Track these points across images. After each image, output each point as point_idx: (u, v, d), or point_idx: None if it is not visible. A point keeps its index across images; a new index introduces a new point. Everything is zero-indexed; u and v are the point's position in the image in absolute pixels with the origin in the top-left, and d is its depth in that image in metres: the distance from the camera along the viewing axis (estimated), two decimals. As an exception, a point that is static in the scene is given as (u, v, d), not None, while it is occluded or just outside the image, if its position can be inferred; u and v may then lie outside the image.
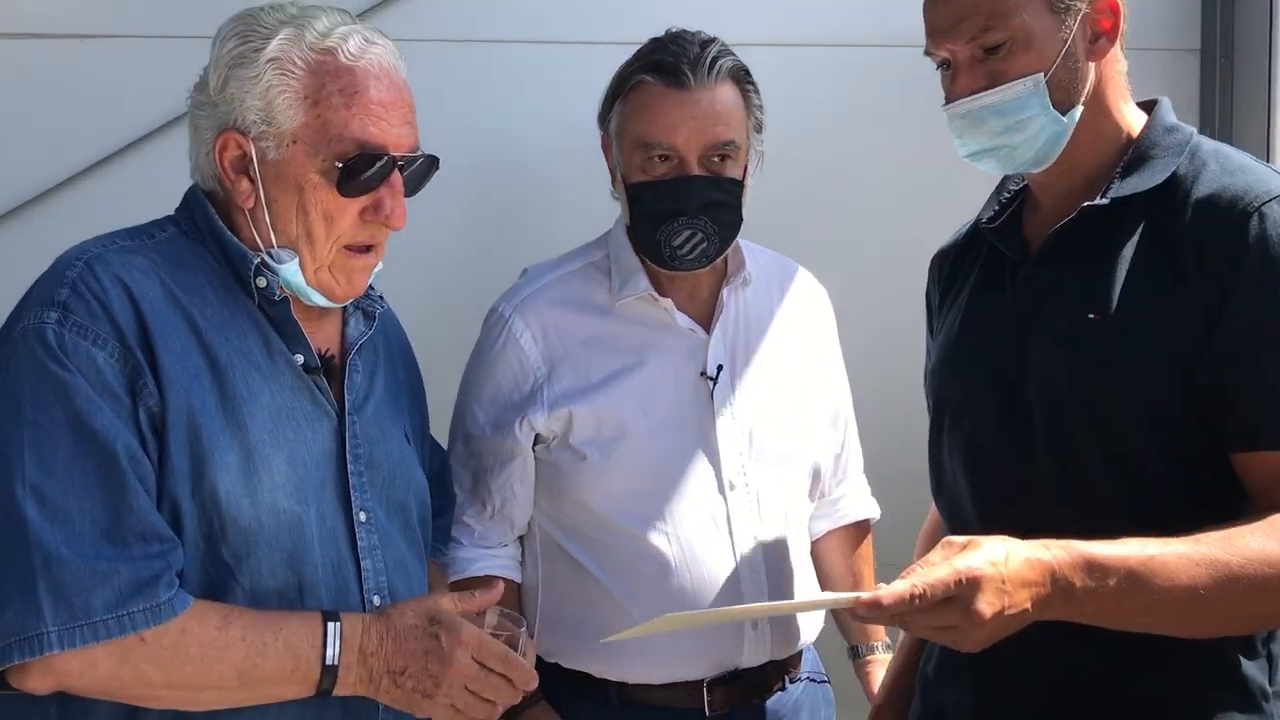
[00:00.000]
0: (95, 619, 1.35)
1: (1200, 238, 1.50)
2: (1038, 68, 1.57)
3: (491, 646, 1.51)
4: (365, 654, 1.48)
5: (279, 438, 1.53)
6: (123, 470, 1.39)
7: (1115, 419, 1.53)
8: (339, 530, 1.58)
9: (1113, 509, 1.51)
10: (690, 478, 2.02)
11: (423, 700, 1.49)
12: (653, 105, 1.96)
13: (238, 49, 1.53)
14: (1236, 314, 1.47)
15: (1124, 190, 1.58)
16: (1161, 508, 1.49)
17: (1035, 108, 1.58)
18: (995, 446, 1.66)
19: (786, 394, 2.12)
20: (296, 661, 1.44)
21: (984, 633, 1.36)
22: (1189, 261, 1.50)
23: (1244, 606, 1.42)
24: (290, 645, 1.44)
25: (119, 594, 1.36)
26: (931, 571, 1.36)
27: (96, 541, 1.37)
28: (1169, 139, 1.61)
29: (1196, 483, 1.52)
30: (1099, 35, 1.60)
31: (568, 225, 2.15)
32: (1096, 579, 1.39)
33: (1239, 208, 1.49)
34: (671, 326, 2.06)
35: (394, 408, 1.75)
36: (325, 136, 1.52)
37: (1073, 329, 1.57)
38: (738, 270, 2.10)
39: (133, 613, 1.36)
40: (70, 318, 1.42)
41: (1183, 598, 1.40)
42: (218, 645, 1.41)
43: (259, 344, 1.56)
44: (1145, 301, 1.53)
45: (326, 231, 1.55)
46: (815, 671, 2.20)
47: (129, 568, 1.37)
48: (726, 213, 1.98)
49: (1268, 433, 1.47)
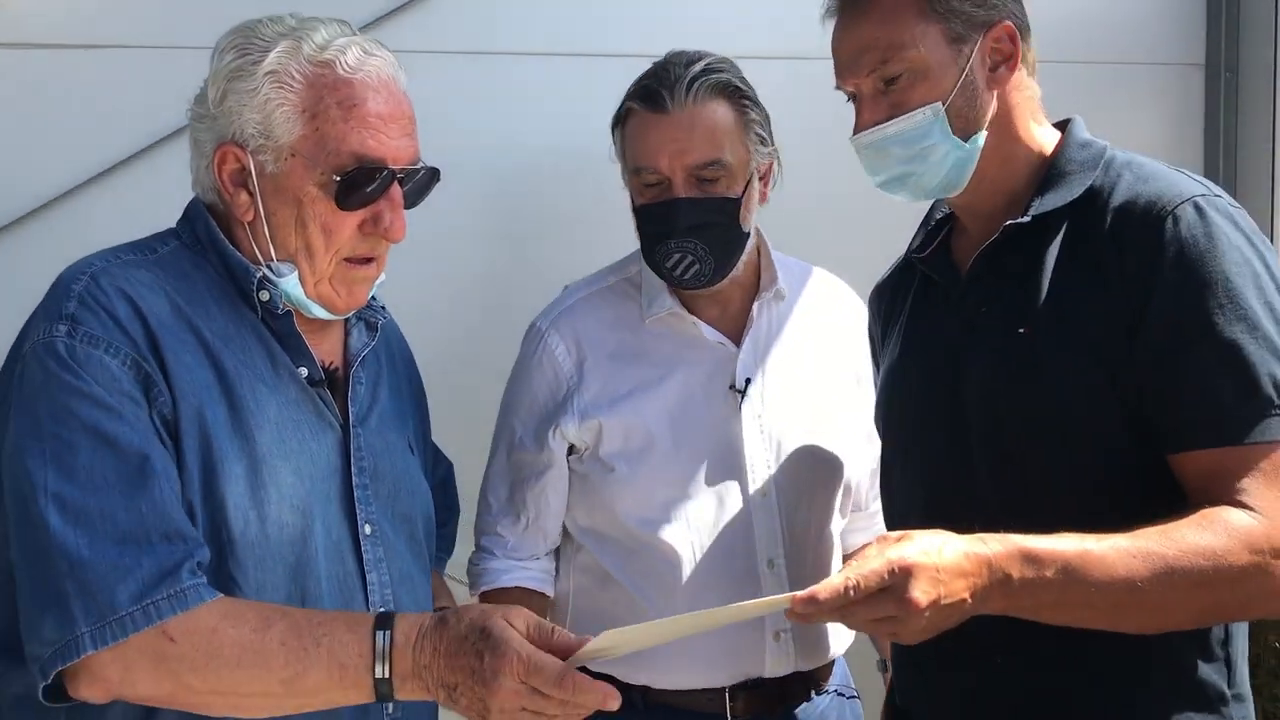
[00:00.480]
0: (121, 612, 1.33)
1: (1120, 244, 1.53)
2: (935, 97, 1.62)
3: (545, 668, 1.34)
4: (419, 665, 1.38)
5: (286, 450, 1.52)
6: (142, 470, 1.38)
7: (1052, 430, 1.56)
8: (344, 543, 1.57)
9: (1058, 520, 1.49)
10: (717, 489, 2.05)
11: (479, 717, 1.37)
12: (639, 131, 2.01)
13: (236, 62, 1.52)
14: (1157, 316, 1.49)
15: (1044, 206, 1.61)
16: (1106, 514, 1.48)
17: (936, 135, 1.62)
18: (943, 468, 1.68)
19: (818, 407, 2.13)
20: (344, 672, 1.38)
21: (922, 622, 1.37)
22: (1111, 268, 1.53)
23: (1182, 599, 1.43)
24: (335, 655, 1.37)
25: (143, 585, 1.34)
26: (865, 564, 1.38)
27: (120, 541, 1.35)
28: (1083, 154, 1.65)
29: (1138, 486, 1.54)
30: (998, 64, 1.64)
31: (578, 236, 2.15)
32: (1033, 571, 1.41)
33: (1153, 212, 1.52)
34: (700, 340, 2.09)
35: (397, 419, 1.74)
36: (323, 150, 1.51)
37: (1004, 345, 1.60)
38: (770, 284, 2.12)
39: (157, 601, 1.34)
40: (80, 329, 1.42)
41: (1121, 590, 1.41)
42: (254, 649, 1.37)
43: (263, 357, 1.55)
44: (1071, 311, 1.55)
45: (325, 244, 1.54)
46: (845, 685, 2.21)
47: (151, 560, 1.35)
48: (718, 232, 2.00)
49: (1196, 432, 1.49)
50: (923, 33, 1.61)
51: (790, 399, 2.10)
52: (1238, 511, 1.44)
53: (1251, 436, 1.46)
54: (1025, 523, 1.48)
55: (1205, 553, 1.41)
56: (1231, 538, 1.42)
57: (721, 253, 2.01)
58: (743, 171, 2.02)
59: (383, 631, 1.38)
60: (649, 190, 2.01)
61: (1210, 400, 1.48)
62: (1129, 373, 1.51)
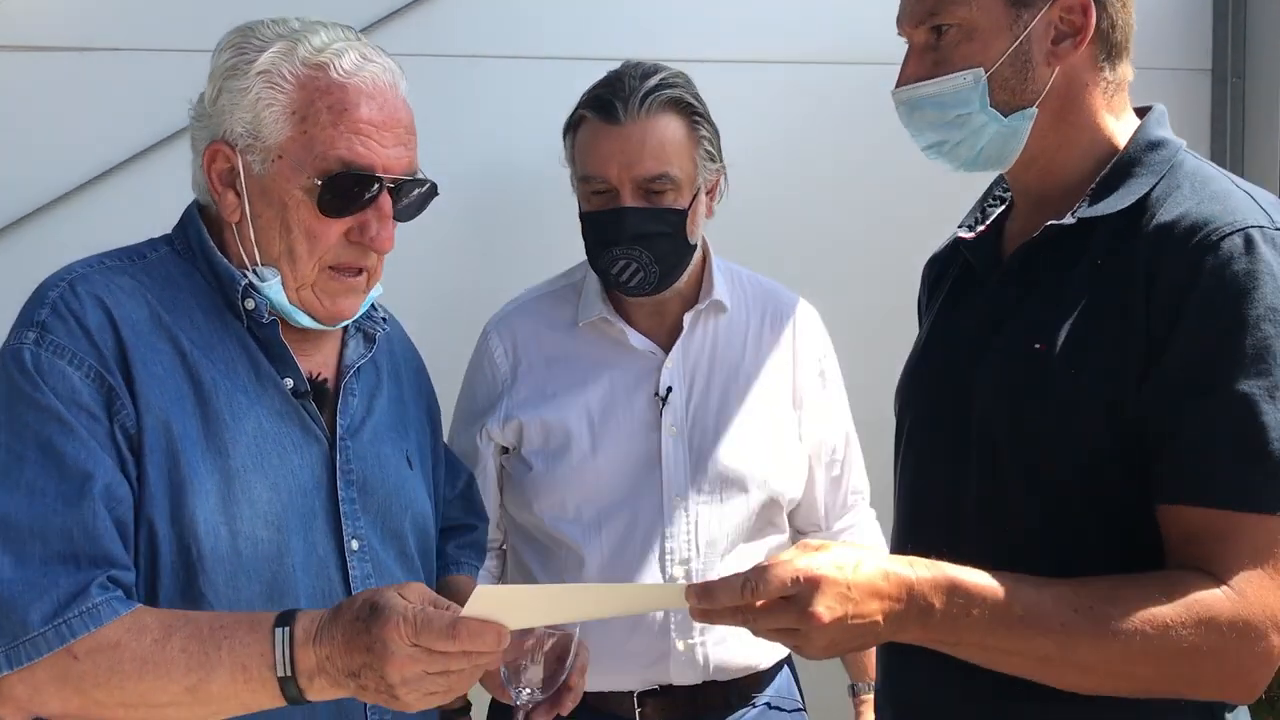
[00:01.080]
0: (34, 633, 1.32)
1: (1154, 267, 1.38)
2: (979, 62, 1.48)
3: (431, 623, 1.27)
4: (322, 658, 1.32)
5: (263, 464, 1.49)
6: (81, 490, 1.36)
7: (1044, 457, 1.44)
8: (330, 559, 1.54)
9: (1033, 549, 1.43)
10: (633, 494, 2.08)
11: (391, 700, 1.31)
12: (590, 140, 2.04)
13: (232, 60, 1.50)
14: (1174, 354, 1.35)
15: (1092, 211, 1.47)
16: (1084, 552, 1.40)
17: (974, 104, 1.49)
18: (935, 467, 1.60)
19: (746, 423, 2.13)
20: (247, 674, 1.33)
21: (825, 638, 1.29)
22: (1138, 291, 1.38)
23: (1118, 665, 1.32)
24: (236, 657, 1.33)
25: (55, 605, 1.32)
26: (772, 568, 1.29)
27: (44, 561, 1.34)
28: (1150, 156, 1.49)
29: (1121, 532, 1.41)
30: (1064, 37, 1.48)
31: (575, 240, 2.13)
32: (959, 605, 1.31)
33: (1196, 237, 1.36)
34: (628, 347, 2.12)
35: (396, 431, 1.70)
36: (310, 154, 1.47)
37: (1017, 358, 1.48)
38: (706, 296, 2.15)
39: (68, 619, 1.32)
40: (47, 337, 1.41)
41: (1050, 644, 1.31)
42: (154, 661, 1.33)
43: (246, 367, 1.53)
44: (1090, 335, 1.42)
45: (309, 250, 1.51)
46: (783, 698, 2.19)
47: (68, 581, 1.33)
48: (664, 242, 2.02)
49: (1187, 487, 1.35)
50: None
51: (715, 411, 2.12)
52: (1205, 581, 1.32)
53: (1246, 504, 1.32)
54: (998, 541, 1.43)
55: (1153, 621, 1.30)
56: (1189, 610, 1.30)
57: (666, 262, 2.04)
58: (690, 186, 2.04)
59: (282, 629, 1.34)
60: (596, 198, 2.04)
61: (1210, 456, 1.34)
62: (1136, 407, 1.37)
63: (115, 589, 1.36)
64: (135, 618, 1.35)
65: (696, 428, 2.10)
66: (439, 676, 1.30)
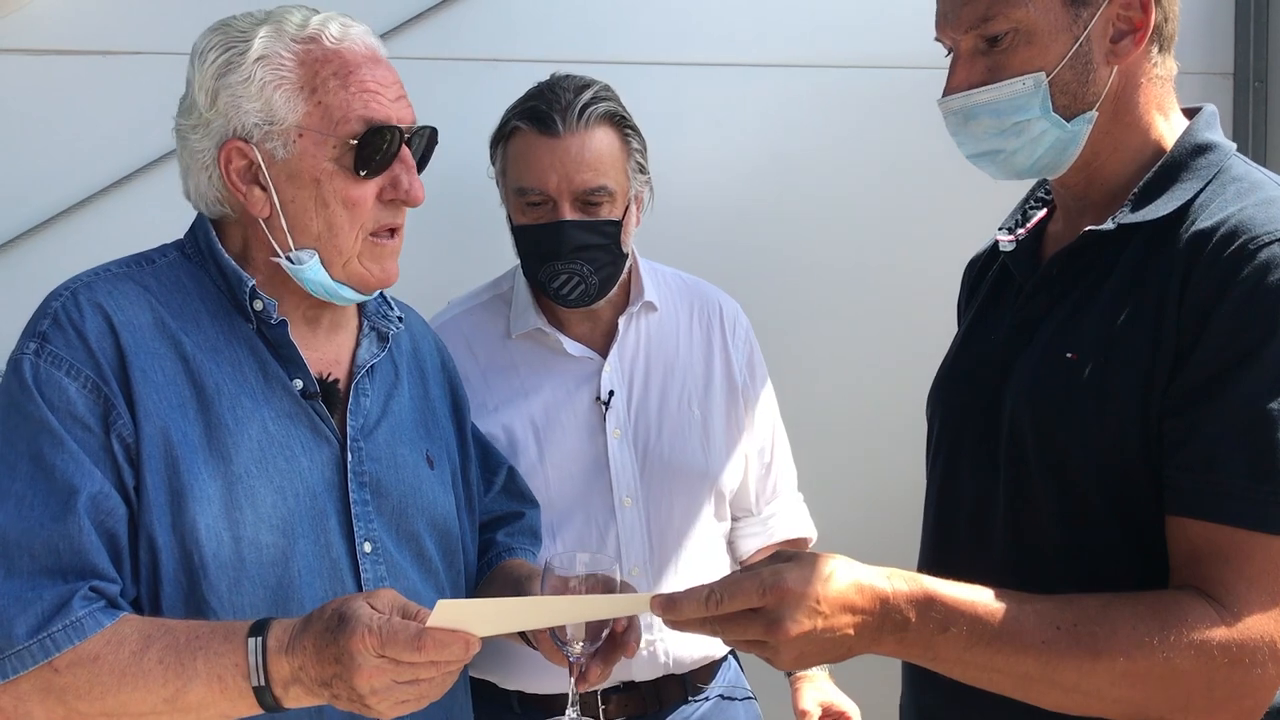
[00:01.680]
0: (19, 646, 1.32)
1: (1189, 273, 1.33)
2: (1040, 66, 1.42)
3: (397, 634, 1.27)
4: (295, 668, 1.32)
5: (267, 468, 1.49)
6: (67, 505, 1.36)
7: (1073, 467, 1.40)
8: (342, 562, 1.53)
9: (1060, 557, 1.40)
10: (583, 498, 2.10)
11: (363, 708, 1.31)
12: (526, 152, 2.04)
13: (221, 57, 1.50)
14: (1198, 360, 1.30)
15: (1133, 218, 1.41)
16: (1111, 562, 1.37)
17: (1035, 110, 1.43)
18: (964, 473, 1.56)
19: (686, 416, 2.18)
20: (222, 684, 1.33)
21: (793, 651, 1.27)
22: (1170, 302, 1.33)
23: (1102, 687, 1.28)
24: (212, 667, 1.34)
25: (40, 619, 1.33)
26: (741, 579, 1.28)
27: (33, 575, 1.35)
28: (1197, 160, 1.43)
29: (1148, 543, 1.37)
30: (1122, 35, 1.43)
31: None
32: (935, 620, 1.28)
33: (1235, 243, 1.31)
34: (565, 355, 2.15)
35: (416, 431, 1.69)
36: (331, 121, 1.49)
37: (1049, 366, 1.44)
38: (637, 299, 2.18)
39: (53, 633, 1.33)
40: (47, 348, 1.42)
41: (1032, 661, 1.28)
42: (133, 672, 1.34)
43: (254, 369, 1.52)
44: (1121, 345, 1.37)
45: (350, 220, 1.51)
46: (732, 688, 2.23)
47: (53, 594, 1.34)
48: (602, 253, 2.06)
49: (1195, 499, 1.30)
50: None
51: (656, 409, 2.16)
52: (1201, 603, 1.27)
53: (1253, 522, 1.27)
54: (1020, 550, 1.40)
55: (1141, 642, 1.26)
56: (1180, 632, 1.26)
57: (604, 273, 2.07)
58: (623, 197, 2.08)
59: (255, 639, 1.34)
60: (533, 210, 2.05)
61: (1222, 469, 1.28)
62: (1157, 417, 1.34)
63: (98, 600, 1.36)
64: (115, 629, 1.35)
65: (640, 428, 2.15)
66: (408, 685, 1.30)
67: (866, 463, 2.79)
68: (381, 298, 1.70)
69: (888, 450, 2.29)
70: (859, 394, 2.81)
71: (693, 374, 2.21)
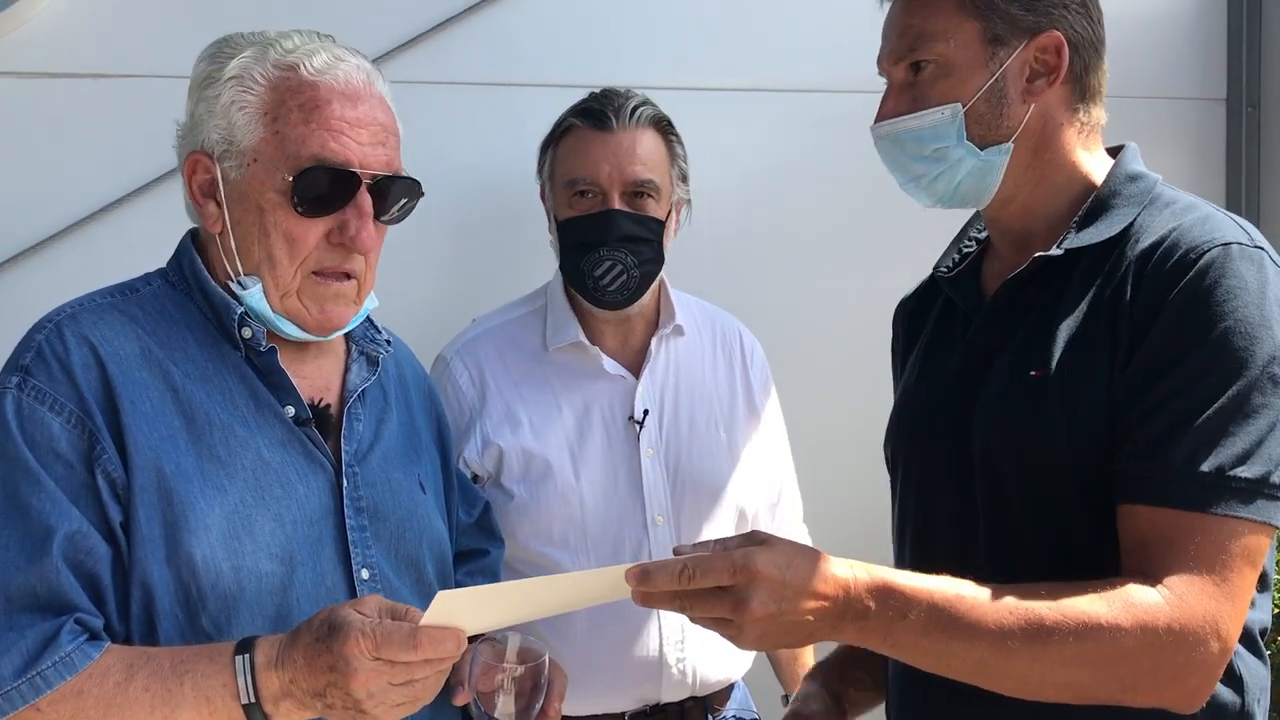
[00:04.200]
0: (7, 687, 1.30)
1: (1137, 285, 1.42)
2: (956, 97, 1.53)
3: (391, 636, 1.28)
4: (285, 682, 1.32)
5: (264, 495, 1.46)
6: (42, 546, 1.33)
7: (1050, 484, 1.45)
8: (339, 590, 1.51)
9: (1047, 576, 1.40)
10: (616, 516, 2.12)
11: (359, 715, 1.31)
12: (579, 146, 2.12)
13: (206, 70, 1.50)
14: (1140, 357, 1.38)
15: (1078, 241, 1.50)
16: (1099, 574, 1.37)
17: (951, 138, 1.53)
18: (941, 506, 1.60)
19: (713, 438, 2.21)
20: (211, 706, 1.32)
21: (756, 630, 1.31)
22: (1122, 314, 1.42)
23: (1053, 671, 1.32)
24: (200, 689, 1.32)
25: (26, 658, 1.30)
26: (714, 558, 1.31)
27: (10, 615, 1.32)
28: (1130, 188, 1.53)
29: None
30: (1037, 75, 1.53)
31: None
32: (894, 608, 1.32)
33: (1176, 254, 1.40)
34: (600, 372, 2.17)
35: (406, 456, 1.68)
36: (283, 153, 1.45)
37: (1013, 386, 1.49)
38: (668, 320, 2.22)
39: (43, 671, 1.30)
40: (30, 382, 1.39)
41: (985, 648, 1.32)
42: (119, 703, 1.32)
43: (245, 397, 1.50)
44: (1083, 359, 1.44)
45: (289, 254, 1.48)
46: (743, 709, 2.25)
47: (36, 631, 1.31)
48: (647, 248, 2.10)
49: (1138, 484, 1.36)
50: (957, 26, 1.52)
51: (686, 430, 2.19)
52: (1144, 587, 1.32)
53: (1192, 504, 1.33)
54: (1016, 571, 1.41)
55: (1089, 624, 1.30)
56: (1127, 614, 1.30)
57: (646, 269, 2.11)
58: (667, 200, 2.15)
59: (242, 656, 1.33)
60: (581, 202, 2.11)
61: (1165, 456, 1.35)
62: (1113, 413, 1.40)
63: (83, 633, 1.34)
64: (98, 661, 1.33)
65: (671, 448, 2.17)
66: (404, 687, 1.30)
67: (852, 486, 2.77)
68: (369, 322, 1.68)
69: (880, 474, 2.29)
70: (855, 416, 2.79)
71: (718, 398, 2.25)
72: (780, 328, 2.65)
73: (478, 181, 2.65)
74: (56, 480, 1.36)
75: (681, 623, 2.08)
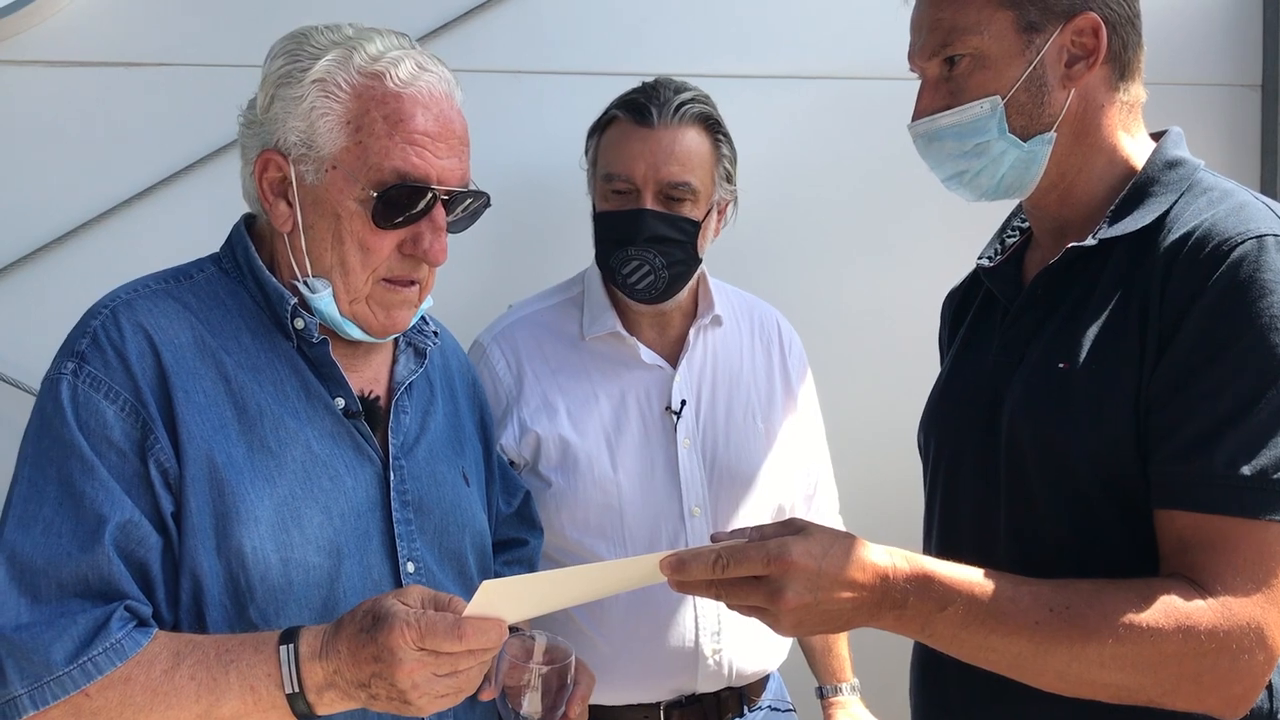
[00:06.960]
0: (59, 672, 1.30)
1: (1168, 276, 1.38)
2: (995, 89, 1.49)
3: (436, 627, 1.28)
4: (329, 672, 1.33)
5: (313, 488, 1.46)
6: (95, 534, 1.34)
7: (1073, 475, 1.43)
8: (385, 583, 1.51)
9: (1066, 567, 1.40)
10: (652, 506, 2.11)
11: (403, 705, 1.32)
12: (619, 140, 2.09)
13: (285, 67, 1.48)
14: (1175, 356, 1.35)
15: (1112, 231, 1.47)
16: (1117, 569, 1.37)
17: (992, 132, 1.50)
18: (966, 493, 1.60)
19: (750, 429, 2.20)
20: (256, 695, 1.33)
21: (792, 619, 1.31)
22: (1153, 306, 1.38)
23: (1091, 671, 1.30)
24: (244, 678, 1.33)
25: (77, 644, 1.31)
26: (749, 547, 1.31)
27: (62, 600, 1.33)
28: (1169, 175, 1.49)
29: (1153, 547, 1.39)
30: (1076, 59, 1.50)
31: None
32: (934, 599, 1.32)
33: (1209, 245, 1.36)
34: (637, 361, 2.16)
35: (451, 448, 1.67)
36: (365, 164, 1.45)
37: (1043, 378, 1.48)
38: (707, 311, 2.20)
39: (94, 657, 1.31)
40: (85, 369, 1.39)
41: (1024, 643, 1.31)
42: (165, 691, 1.32)
43: (296, 388, 1.50)
44: (1113, 351, 1.41)
45: (362, 262, 1.48)
46: (778, 700, 2.26)
47: (86, 618, 1.32)
48: (677, 249, 2.07)
49: (1179, 489, 1.34)
50: (990, 17, 1.48)
51: (724, 421, 2.19)
52: (1190, 590, 1.30)
53: (1235, 509, 1.30)
54: (1035, 561, 1.41)
55: (1130, 626, 1.28)
56: (1168, 618, 1.28)
57: (676, 270, 2.08)
58: (706, 200, 2.10)
59: (287, 646, 1.34)
60: (616, 197, 2.09)
61: (1205, 460, 1.32)
62: (1146, 412, 1.37)
63: (133, 620, 1.35)
64: (145, 649, 1.34)
65: (708, 439, 2.16)
66: (448, 678, 1.31)
67: (887, 479, 2.77)
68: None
69: (900, 464, 2.28)
70: (891, 408, 2.78)
71: (756, 389, 2.24)
72: (815, 317, 2.65)
73: (515, 169, 2.65)
74: (110, 469, 1.37)
75: (718, 613, 2.08)
